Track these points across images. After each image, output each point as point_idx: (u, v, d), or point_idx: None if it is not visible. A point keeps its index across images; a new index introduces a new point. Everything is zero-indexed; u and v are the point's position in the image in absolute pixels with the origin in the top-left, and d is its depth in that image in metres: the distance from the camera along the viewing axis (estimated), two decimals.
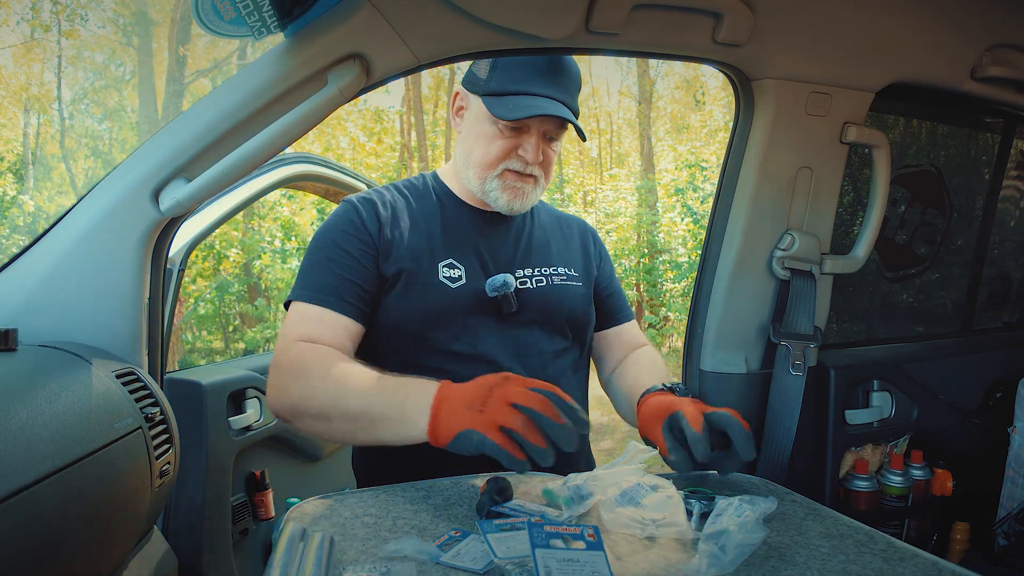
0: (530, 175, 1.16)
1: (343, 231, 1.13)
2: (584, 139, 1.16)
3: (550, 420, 0.80)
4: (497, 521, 0.78)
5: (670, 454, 0.93)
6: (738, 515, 0.79)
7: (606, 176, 11.61)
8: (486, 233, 1.20)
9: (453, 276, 1.13)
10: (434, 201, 1.22)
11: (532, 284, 1.18)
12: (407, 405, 0.90)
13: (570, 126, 1.14)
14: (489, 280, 1.13)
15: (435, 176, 1.27)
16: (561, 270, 1.23)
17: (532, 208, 1.29)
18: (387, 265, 1.12)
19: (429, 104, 11.93)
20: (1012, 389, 1.61)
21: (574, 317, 1.21)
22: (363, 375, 0.97)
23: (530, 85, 1.11)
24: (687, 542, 0.82)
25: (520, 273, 1.18)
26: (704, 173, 8.76)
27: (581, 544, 0.69)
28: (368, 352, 1.16)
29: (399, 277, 1.12)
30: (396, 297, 1.12)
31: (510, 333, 1.14)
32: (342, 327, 1.08)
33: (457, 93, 1.22)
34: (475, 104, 1.17)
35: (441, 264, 1.14)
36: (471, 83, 1.18)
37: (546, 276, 1.21)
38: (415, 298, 1.11)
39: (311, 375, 0.99)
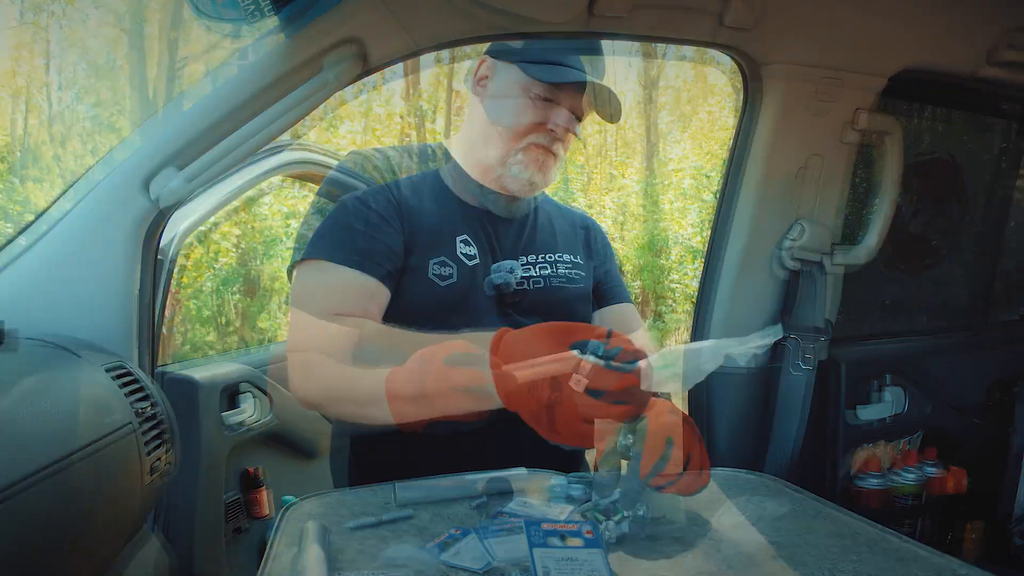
0: (554, 153, 1.12)
1: (379, 197, 1.08)
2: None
3: None
4: (497, 521, 0.78)
5: None
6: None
7: (614, 169, 11.58)
8: (493, 219, 1.18)
9: (469, 253, 1.12)
10: (444, 185, 1.18)
11: (536, 272, 1.18)
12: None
13: (594, 113, 1.12)
14: (494, 266, 1.12)
15: (446, 154, 1.21)
16: (567, 257, 1.22)
17: (536, 197, 1.26)
18: (407, 253, 1.09)
19: (429, 106, 11.91)
20: None
21: (576, 311, 1.20)
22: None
23: (570, 59, 1.10)
24: (687, 541, 0.80)
25: (524, 260, 1.17)
26: (712, 164, 8.74)
27: (579, 541, 0.68)
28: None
29: (414, 266, 1.10)
30: (413, 278, 1.09)
31: (511, 322, 1.11)
32: (370, 293, 1.02)
33: (483, 61, 1.17)
34: (504, 72, 1.12)
35: (459, 239, 1.12)
36: (501, 51, 1.14)
37: (551, 264, 1.20)
38: (430, 279, 1.09)
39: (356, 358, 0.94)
